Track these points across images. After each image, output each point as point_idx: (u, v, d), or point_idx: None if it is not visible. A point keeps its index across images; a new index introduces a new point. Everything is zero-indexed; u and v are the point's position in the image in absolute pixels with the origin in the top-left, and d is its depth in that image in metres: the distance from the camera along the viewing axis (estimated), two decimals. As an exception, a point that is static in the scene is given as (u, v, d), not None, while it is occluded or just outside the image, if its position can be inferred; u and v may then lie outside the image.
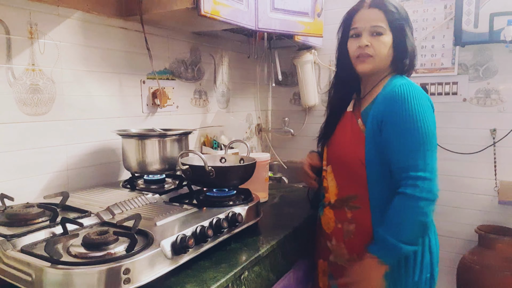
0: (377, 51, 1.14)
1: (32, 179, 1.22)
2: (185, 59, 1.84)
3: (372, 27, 1.13)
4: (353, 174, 1.17)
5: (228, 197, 1.19)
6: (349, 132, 1.20)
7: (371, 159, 1.12)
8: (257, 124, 2.51)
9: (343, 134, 1.22)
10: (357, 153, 1.15)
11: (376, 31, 1.13)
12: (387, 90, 1.12)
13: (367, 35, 1.14)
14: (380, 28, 1.13)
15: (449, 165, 2.13)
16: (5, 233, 0.86)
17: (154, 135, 1.34)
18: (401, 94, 1.08)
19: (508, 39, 1.84)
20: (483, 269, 1.90)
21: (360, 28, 1.15)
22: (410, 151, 1.05)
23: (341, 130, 1.24)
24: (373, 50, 1.14)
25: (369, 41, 1.14)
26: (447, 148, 2.11)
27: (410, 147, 1.05)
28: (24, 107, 1.19)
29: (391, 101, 1.09)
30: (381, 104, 1.11)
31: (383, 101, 1.11)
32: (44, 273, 0.72)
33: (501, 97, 2.01)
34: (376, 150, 1.12)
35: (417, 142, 1.05)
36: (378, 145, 1.11)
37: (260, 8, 1.58)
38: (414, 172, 1.03)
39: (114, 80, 1.48)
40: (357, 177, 1.15)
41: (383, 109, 1.10)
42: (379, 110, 1.11)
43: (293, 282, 1.28)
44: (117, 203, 1.06)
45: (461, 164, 2.12)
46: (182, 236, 0.88)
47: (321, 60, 2.42)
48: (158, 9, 1.36)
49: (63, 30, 1.29)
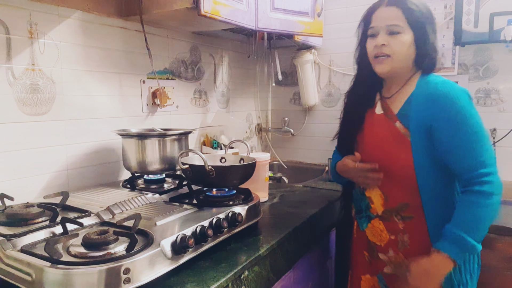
0: (395, 50, 1.10)
1: (32, 179, 1.22)
2: (185, 59, 1.84)
3: (388, 26, 1.10)
4: (402, 181, 1.13)
5: (228, 197, 1.19)
6: (388, 136, 1.14)
7: (421, 164, 1.09)
8: (257, 124, 2.51)
9: (381, 139, 1.16)
10: (404, 159, 1.10)
11: (392, 30, 1.10)
12: (428, 91, 1.08)
13: (384, 34, 1.11)
14: (396, 27, 1.09)
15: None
16: (5, 233, 0.86)
17: (154, 135, 1.34)
18: (448, 93, 1.05)
19: (508, 39, 1.84)
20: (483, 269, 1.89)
21: (377, 28, 1.12)
22: (472, 149, 1.03)
23: (376, 134, 1.18)
24: (390, 49, 1.10)
25: (386, 40, 1.10)
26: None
27: (471, 145, 1.03)
28: (24, 107, 1.19)
29: (438, 102, 1.06)
30: (425, 106, 1.07)
31: (426, 103, 1.07)
32: (44, 273, 0.72)
33: (501, 97, 2.01)
34: (426, 154, 1.08)
35: (476, 139, 1.03)
36: (428, 149, 1.08)
37: (260, 8, 1.58)
38: (483, 168, 1.02)
39: (114, 80, 1.47)
40: (406, 184, 1.12)
41: (431, 111, 1.06)
42: (425, 113, 1.07)
43: (293, 282, 1.28)
44: (117, 203, 1.06)
45: (461, 164, 2.12)
46: (182, 236, 0.88)
47: (321, 60, 2.42)
48: (158, 9, 1.36)
49: (63, 30, 1.29)
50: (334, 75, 2.38)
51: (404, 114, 1.12)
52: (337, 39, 2.33)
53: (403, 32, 1.09)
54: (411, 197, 1.12)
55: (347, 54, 2.31)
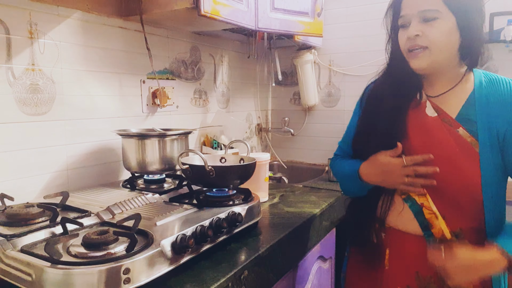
0: (432, 40, 0.91)
1: (32, 179, 1.22)
2: (185, 59, 1.84)
3: (421, 12, 0.91)
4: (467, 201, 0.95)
5: (228, 197, 1.19)
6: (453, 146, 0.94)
7: (489, 181, 0.92)
8: (257, 124, 2.51)
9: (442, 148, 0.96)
10: (471, 174, 0.93)
11: (427, 16, 0.91)
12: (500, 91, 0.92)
13: (417, 23, 0.92)
14: (432, 12, 0.90)
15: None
16: (5, 233, 0.86)
17: (154, 135, 1.34)
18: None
19: (508, 39, 1.84)
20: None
21: (408, 16, 0.94)
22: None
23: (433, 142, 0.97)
24: (426, 40, 0.92)
25: (420, 29, 0.92)
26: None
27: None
28: (24, 107, 1.19)
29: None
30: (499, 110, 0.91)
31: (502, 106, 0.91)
32: (44, 273, 0.72)
33: (501, 97, 2.01)
34: (496, 170, 0.92)
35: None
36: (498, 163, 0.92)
37: (260, 8, 1.58)
38: None
39: (114, 80, 1.47)
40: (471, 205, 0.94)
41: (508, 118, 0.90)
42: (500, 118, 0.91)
43: (293, 282, 1.28)
44: (117, 203, 1.06)
45: (461, 164, 2.12)
46: (182, 236, 0.88)
47: (321, 60, 2.42)
48: (158, 9, 1.36)
49: (63, 30, 1.29)
50: (334, 75, 2.39)
51: (467, 119, 0.94)
52: (337, 39, 2.33)
53: (441, 18, 0.90)
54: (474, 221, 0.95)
55: (347, 54, 2.31)
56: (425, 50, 0.93)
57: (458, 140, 0.94)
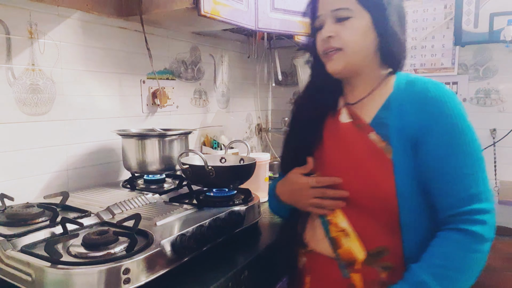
0: (346, 41, 0.83)
1: (32, 179, 1.22)
2: (185, 59, 1.84)
3: (333, 11, 0.84)
4: (382, 216, 0.82)
5: (228, 197, 1.19)
6: (361, 152, 0.85)
7: (405, 192, 0.79)
8: (257, 124, 2.51)
9: (351, 156, 0.87)
10: (384, 184, 0.81)
11: (339, 15, 0.84)
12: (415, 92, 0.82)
13: (331, 24, 0.85)
14: (344, 11, 0.83)
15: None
16: (5, 233, 0.86)
17: (154, 135, 1.34)
18: (442, 98, 0.79)
19: (508, 39, 1.84)
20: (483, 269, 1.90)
21: (323, 16, 0.87)
22: (468, 175, 0.77)
23: (342, 149, 0.89)
24: (340, 41, 0.84)
25: (334, 30, 0.84)
26: (447, 148, 2.11)
27: (468, 170, 0.77)
28: (24, 107, 1.19)
29: (429, 109, 0.79)
30: (411, 111, 0.81)
31: (413, 108, 0.81)
32: (44, 273, 0.72)
33: (501, 97, 2.01)
34: (412, 178, 0.80)
35: (474, 163, 0.78)
36: (412, 170, 0.80)
37: (260, 8, 1.58)
38: (479, 203, 0.76)
39: (114, 80, 1.47)
40: (387, 220, 0.82)
41: (419, 119, 0.80)
42: (411, 120, 0.80)
43: (293, 282, 1.28)
44: (117, 203, 1.06)
45: (461, 164, 2.12)
46: (182, 236, 0.88)
47: (321, 60, 2.41)
48: (158, 9, 1.36)
49: (63, 30, 1.29)
50: (334, 75, 2.38)
51: (381, 123, 0.84)
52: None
53: (354, 17, 0.83)
54: (390, 238, 0.82)
55: (347, 54, 2.31)
56: (339, 51, 0.85)
57: (370, 146, 0.83)
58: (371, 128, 0.85)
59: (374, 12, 0.83)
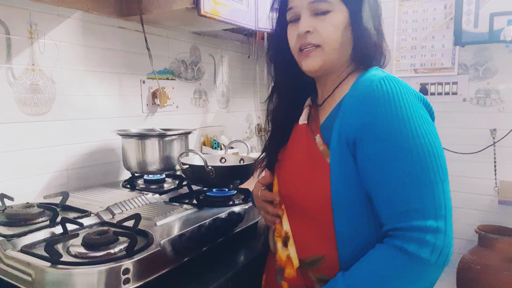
0: (325, 37, 0.76)
1: (32, 179, 1.22)
2: (185, 59, 1.84)
3: (311, 3, 0.76)
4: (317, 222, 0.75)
5: (228, 197, 1.19)
6: (303, 156, 0.79)
7: (340, 198, 0.72)
8: (257, 124, 2.51)
9: (296, 160, 0.81)
10: (319, 190, 0.74)
11: (318, 8, 0.76)
12: (359, 90, 0.73)
13: (308, 17, 0.77)
14: (323, 4, 0.75)
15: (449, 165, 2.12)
16: (5, 233, 0.86)
17: (154, 135, 1.34)
18: (386, 93, 0.69)
19: (508, 39, 1.84)
20: (483, 269, 1.90)
21: (297, 8, 0.78)
22: (411, 185, 0.66)
23: (292, 153, 0.84)
24: (319, 37, 0.76)
25: (311, 25, 0.76)
26: (447, 148, 2.11)
27: (410, 179, 0.66)
28: (24, 107, 1.19)
29: (368, 105, 0.70)
30: (352, 112, 0.72)
31: (354, 107, 0.72)
32: (44, 273, 0.72)
33: (501, 97, 2.01)
34: (349, 184, 0.72)
35: (421, 170, 0.66)
36: (350, 176, 0.71)
37: (260, 8, 1.58)
38: (421, 220, 0.64)
39: (114, 80, 1.48)
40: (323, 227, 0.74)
41: (357, 118, 0.71)
42: (349, 121, 0.72)
43: (293, 282, 1.28)
44: (117, 203, 1.06)
45: (461, 164, 2.12)
46: (182, 236, 0.88)
47: (321, 60, 2.42)
48: (158, 9, 1.36)
49: (63, 30, 1.29)
50: (334, 75, 2.38)
51: (328, 125, 0.77)
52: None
53: (333, 11, 0.76)
54: (327, 247, 0.74)
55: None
56: (317, 48, 0.77)
57: (313, 149, 0.77)
58: (319, 131, 0.79)
59: (351, 6, 0.76)
